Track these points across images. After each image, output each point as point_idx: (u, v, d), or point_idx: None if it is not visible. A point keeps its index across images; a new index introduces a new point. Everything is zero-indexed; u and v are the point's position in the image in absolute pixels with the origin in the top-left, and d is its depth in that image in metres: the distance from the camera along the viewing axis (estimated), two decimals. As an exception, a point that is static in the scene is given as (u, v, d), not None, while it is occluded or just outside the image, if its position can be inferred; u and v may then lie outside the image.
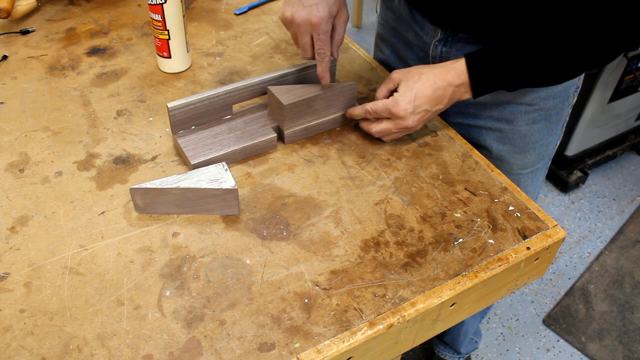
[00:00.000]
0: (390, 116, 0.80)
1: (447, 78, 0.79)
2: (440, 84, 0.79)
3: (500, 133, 0.95)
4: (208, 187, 0.70)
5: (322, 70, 0.81)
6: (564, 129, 1.01)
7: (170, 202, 0.72)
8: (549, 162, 1.06)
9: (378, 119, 0.82)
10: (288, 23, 0.80)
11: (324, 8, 0.76)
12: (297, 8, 0.77)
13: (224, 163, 0.74)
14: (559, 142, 1.03)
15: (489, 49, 0.80)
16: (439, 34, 0.90)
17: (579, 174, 2.11)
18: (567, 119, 1.00)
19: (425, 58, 0.95)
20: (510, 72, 0.80)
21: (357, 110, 0.84)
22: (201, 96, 0.80)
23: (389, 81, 0.83)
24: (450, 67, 0.80)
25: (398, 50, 1.03)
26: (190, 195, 0.71)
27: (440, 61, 0.93)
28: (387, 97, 0.82)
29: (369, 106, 0.81)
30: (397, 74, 0.82)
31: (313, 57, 0.82)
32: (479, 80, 0.80)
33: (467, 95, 0.81)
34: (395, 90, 0.82)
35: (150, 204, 0.72)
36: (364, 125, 0.84)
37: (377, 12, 1.09)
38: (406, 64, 1.02)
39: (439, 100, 0.80)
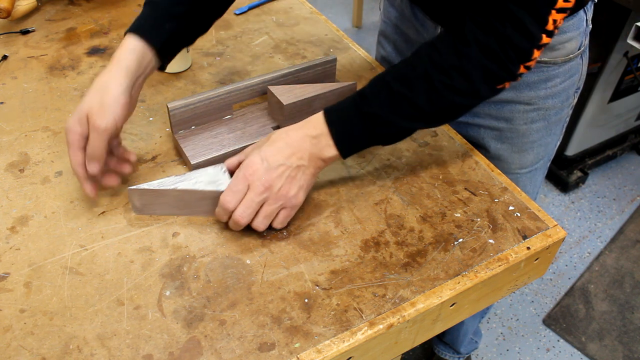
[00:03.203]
0: (246, 181, 0.68)
1: (301, 129, 0.70)
2: (293, 135, 0.70)
3: (498, 132, 0.95)
4: (206, 189, 0.70)
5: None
6: (564, 130, 1.01)
7: (168, 204, 0.72)
8: (549, 163, 1.06)
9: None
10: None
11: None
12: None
13: (222, 165, 0.73)
14: (558, 143, 1.03)
15: (346, 99, 0.71)
16: (439, 31, 0.90)
17: (579, 174, 2.11)
18: (568, 119, 0.99)
19: None
20: (374, 117, 0.69)
21: (219, 212, 0.70)
22: (201, 96, 0.80)
23: (241, 154, 0.73)
24: (306, 120, 0.71)
25: (399, 48, 1.03)
26: (187, 198, 0.71)
27: None
28: None
29: (223, 194, 0.69)
30: (249, 148, 0.73)
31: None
32: (339, 131, 0.70)
33: (330, 149, 0.70)
34: None
35: (148, 205, 0.72)
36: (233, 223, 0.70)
37: (380, 9, 1.09)
38: None
39: (294, 152, 0.69)
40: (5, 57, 1.00)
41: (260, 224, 0.69)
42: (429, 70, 0.67)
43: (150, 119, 0.88)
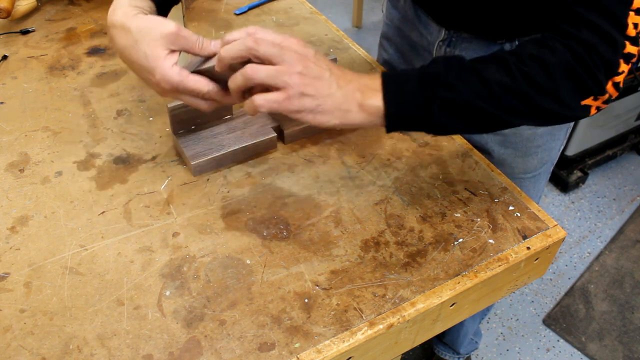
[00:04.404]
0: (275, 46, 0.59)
1: (354, 76, 0.63)
2: (343, 72, 0.62)
3: (502, 136, 0.94)
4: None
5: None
6: (568, 134, 1.00)
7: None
8: (552, 167, 1.05)
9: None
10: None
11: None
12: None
13: None
14: (562, 147, 1.01)
15: (415, 69, 0.63)
16: (443, 34, 0.89)
17: (579, 174, 2.11)
18: (572, 124, 0.98)
19: (429, 58, 0.94)
20: (437, 83, 0.61)
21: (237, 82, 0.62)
22: (201, 96, 0.80)
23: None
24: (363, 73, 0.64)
25: (402, 51, 1.02)
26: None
27: None
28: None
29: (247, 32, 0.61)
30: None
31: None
32: (393, 91, 0.61)
33: (377, 100, 0.62)
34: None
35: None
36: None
37: (383, 11, 1.09)
38: (410, 65, 1.02)
39: (337, 73, 0.61)
40: (5, 57, 1.00)
41: (261, 101, 0.60)
42: (505, 54, 0.59)
43: (150, 119, 0.88)
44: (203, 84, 0.65)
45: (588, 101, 0.60)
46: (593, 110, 0.61)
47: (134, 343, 0.59)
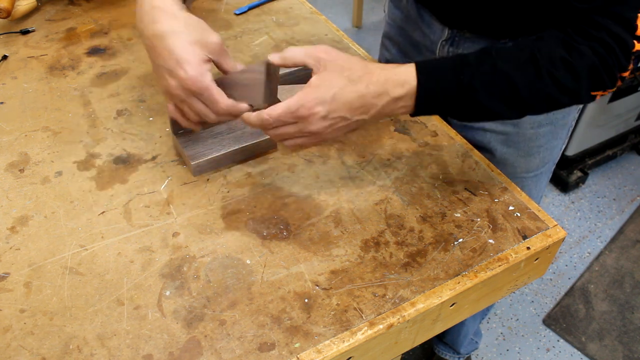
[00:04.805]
0: (293, 119, 0.64)
1: (383, 86, 0.64)
2: (373, 90, 0.63)
3: (504, 136, 0.94)
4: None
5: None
6: (569, 134, 1.00)
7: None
8: (553, 167, 1.05)
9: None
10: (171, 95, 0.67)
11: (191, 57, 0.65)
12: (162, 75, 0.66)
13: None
14: (564, 147, 1.01)
15: (445, 58, 0.67)
16: (447, 33, 0.89)
17: (579, 174, 2.11)
18: (573, 123, 0.98)
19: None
20: (468, 89, 0.64)
21: (253, 119, 0.66)
22: (201, 96, 0.80)
23: (312, 55, 0.65)
24: (393, 71, 0.64)
25: (405, 50, 1.02)
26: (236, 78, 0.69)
27: None
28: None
29: (267, 114, 0.64)
30: (320, 53, 0.64)
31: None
32: (427, 93, 0.64)
33: (403, 110, 0.66)
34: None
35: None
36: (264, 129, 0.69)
37: (385, 11, 1.08)
38: None
39: (365, 110, 0.64)
40: (5, 57, 1.00)
41: (273, 136, 0.67)
42: (538, 56, 0.64)
43: (150, 119, 0.88)
44: (224, 99, 0.67)
45: (597, 93, 0.67)
46: (597, 98, 0.68)
47: (134, 343, 0.59)
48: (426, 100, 0.65)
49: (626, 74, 0.66)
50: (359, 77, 0.63)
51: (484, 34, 0.86)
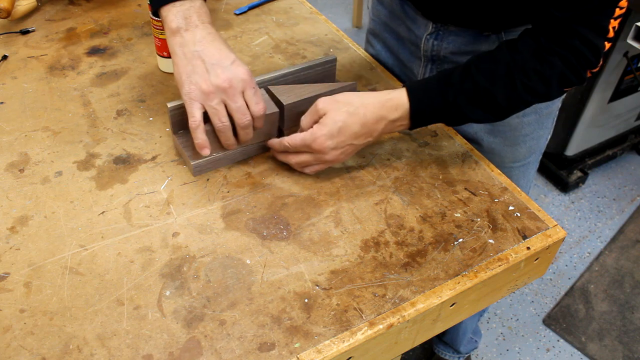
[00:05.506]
0: (309, 150, 0.75)
1: (380, 112, 0.74)
2: (371, 117, 0.74)
3: (490, 125, 0.96)
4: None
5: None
6: (554, 123, 1.02)
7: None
8: (540, 157, 1.07)
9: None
10: (212, 92, 0.71)
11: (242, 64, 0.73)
12: (215, 73, 0.71)
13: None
14: (549, 137, 1.04)
15: (430, 79, 0.76)
16: (431, 27, 0.91)
17: (579, 174, 2.11)
18: (557, 113, 1.01)
19: (416, 52, 0.96)
20: (453, 105, 0.74)
21: (275, 144, 0.78)
22: (201, 96, 0.80)
23: (314, 112, 0.76)
24: (386, 98, 0.75)
25: (390, 45, 1.03)
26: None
27: (432, 55, 0.94)
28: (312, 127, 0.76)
29: (287, 141, 0.76)
30: (323, 104, 0.75)
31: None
32: (419, 113, 0.75)
33: (401, 127, 0.77)
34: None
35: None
36: (282, 157, 0.79)
37: (368, 7, 1.10)
38: (397, 59, 1.03)
39: (369, 134, 0.75)
40: (5, 57, 1.00)
41: (294, 165, 0.78)
42: (513, 69, 0.72)
43: (150, 119, 0.88)
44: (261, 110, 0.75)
45: (567, 89, 0.76)
46: (565, 92, 0.78)
47: (134, 343, 0.59)
48: (419, 118, 0.76)
49: (596, 70, 0.74)
50: (356, 108, 0.73)
51: (467, 27, 0.87)
